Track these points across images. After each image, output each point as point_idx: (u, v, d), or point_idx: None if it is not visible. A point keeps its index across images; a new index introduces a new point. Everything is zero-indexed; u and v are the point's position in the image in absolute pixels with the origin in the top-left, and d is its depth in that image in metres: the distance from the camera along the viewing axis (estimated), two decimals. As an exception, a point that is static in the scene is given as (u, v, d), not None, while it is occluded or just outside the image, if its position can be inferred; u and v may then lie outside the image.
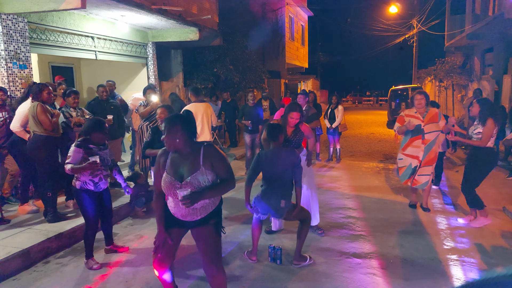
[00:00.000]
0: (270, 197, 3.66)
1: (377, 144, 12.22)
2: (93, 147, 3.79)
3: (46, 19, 6.39)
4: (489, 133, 4.59)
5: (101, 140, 3.86)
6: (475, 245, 4.27)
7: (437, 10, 20.19)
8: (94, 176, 3.82)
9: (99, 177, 3.86)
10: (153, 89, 6.49)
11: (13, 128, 4.98)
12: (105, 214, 4.12)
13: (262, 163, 3.72)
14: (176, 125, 2.54)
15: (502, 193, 6.20)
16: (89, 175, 3.79)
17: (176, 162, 2.61)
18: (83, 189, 3.80)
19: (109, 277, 3.69)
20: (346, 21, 32.59)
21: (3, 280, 3.65)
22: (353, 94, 44.11)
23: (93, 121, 3.90)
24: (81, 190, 3.81)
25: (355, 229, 4.83)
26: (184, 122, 2.58)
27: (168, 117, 2.65)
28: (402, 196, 6.20)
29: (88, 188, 3.81)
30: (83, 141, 3.78)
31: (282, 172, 3.65)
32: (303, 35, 24.20)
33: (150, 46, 9.41)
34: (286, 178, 3.68)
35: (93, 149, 3.79)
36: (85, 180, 3.79)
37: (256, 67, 14.15)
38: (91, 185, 3.81)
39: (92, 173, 3.78)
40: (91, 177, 3.80)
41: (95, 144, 3.81)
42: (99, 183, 3.86)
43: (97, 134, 3.80)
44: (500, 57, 12.37)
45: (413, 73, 25.33)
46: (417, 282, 3.49)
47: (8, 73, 5.64)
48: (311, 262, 3.84)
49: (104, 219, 4.14)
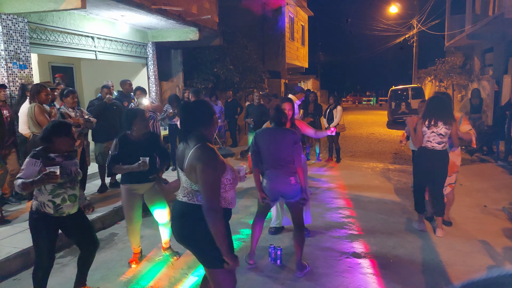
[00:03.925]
0: (276, 178, 3.51)
1: (377, 144, 12.22)
2: (54, 157, 2.95)
3: (46, 19, 6.39)
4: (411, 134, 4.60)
5: (66, 146, 3.01)
6: (475, 245, 4.26)
7: (437, 10, 20.19)
8: (56, 195, 2.93)
9: (62, 198, 2.95)
10: (143, 90, 6.45)
11: (22, 131, 5.13)
12: (85, 247, 3.20)
13: (258, 142, 3.62)
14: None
15: (502, 193, 6.20)
16: (48, 194, 2.91)
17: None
18: (39, 212, 2.93)
19: (110, 277, 3.69)
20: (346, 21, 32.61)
21: (3, 280, 3.65)
22: (353, 94, 44.12)
23: (56, 123, 3.09)
24: (36, 213, 2.94)
25: (355, 229, 4.83)
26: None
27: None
28: (402, 196, 6.20)
29: (46, 211, 2.93)
30: (41, 150, 2.94)
31: (282, 151, 3.52)
32: (303, 35, 24.20)
33: (150, 46, 9.41)
34: (287, 158, 3.52)
35: (55, 159, 2.94)
36: (43, 200, 2.92)
37: (256, 67, 14.16)
38: (50, 207, 2.93)
39: (53, 191, 2.91)
40: (51, 196, 2.92)
41: (58, 152, 2.98)
42: (61, 205, 2.95)
43: (61, 139, 2.96)
44: (500, 57, 12.38)
45: (413, 73, 25.35)
46: (417, 282, 3.49)
47: (8, 73, 5.64)
48: (310, 268, 3.75)
49: (84, 253, 3.23)
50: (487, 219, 5.10)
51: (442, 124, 4.27)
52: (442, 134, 4.29)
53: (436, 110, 4.33)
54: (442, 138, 4.31)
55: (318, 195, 6.27)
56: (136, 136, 3.75)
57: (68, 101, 5.31)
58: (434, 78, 17.55)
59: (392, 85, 21.14)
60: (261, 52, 18.71)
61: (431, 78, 18.33)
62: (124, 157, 3.67)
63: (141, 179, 3.74)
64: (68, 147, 3.03)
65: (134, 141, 3.74)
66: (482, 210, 5.45)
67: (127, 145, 3.70)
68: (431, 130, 4.33)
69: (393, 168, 8.47)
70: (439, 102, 4.42)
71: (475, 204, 5.69)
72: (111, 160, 3.71)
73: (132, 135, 3.75)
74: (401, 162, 9.11)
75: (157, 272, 3.80)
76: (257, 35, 18.60)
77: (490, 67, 13.61)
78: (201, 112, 2.42)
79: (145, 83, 9.40)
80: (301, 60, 23.40)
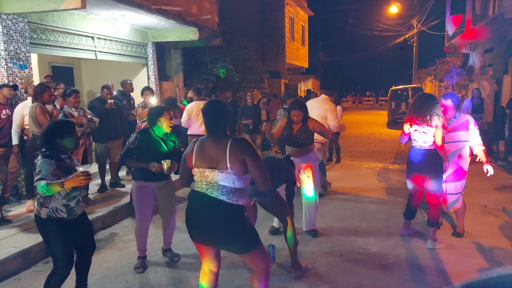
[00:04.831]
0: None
1: (377, 144, 12.22)
2: (64, 158, 2.85)
3: (46, 19, 6.39)
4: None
5: (73, 145, 2.92)
6: (475, 245, 4.26)
7: (437, 10, 20.21)
8: (70, 199, 2.83)
9: (77, 200, 2.87)
10: (151, 90, 6.46)
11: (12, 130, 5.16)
12: (84, 250, 3.10)
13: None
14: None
15: (502, 193, 6.20)
16: (63, 198, 2.80)
17: None
18: (53, 218, 2.79)
19: (110, 277, 3.69)
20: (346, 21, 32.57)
21: (3, 280, 3.65)
22: (353, 94, 44.10)
23: (61, 122, 2.99)
24: (49, 221, 2.79)
25: (355, 229, 4.82)
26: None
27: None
28: (402, 196, 6.20)
29: (60, 216, 2.81)
30: (52, 151, 2.79)
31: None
32: (303, 35, 24.20)
33: (150, 46, 9.41)
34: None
35: (65, 160, 2.83)
36: (56, 206, 2.79)
37: (256, 67, 14.16)
38: (64, 212, 2.81)
39: (68, 194, 2.80)
40: (65, 200, 2.81)
41: (65, 153, 2.88)
42: (75, 208, 2.87)
43: (68, 139, 2.86)
44: (500, 57, 12.37)
45: (413, 73, 25.37)
46: (417, 282, 3.49)
47: (8, 73, 5.64)
48: (307, 269, 3.71)
49: (83, 257, 3.11)
50: (487, 219, 5.10)
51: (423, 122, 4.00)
52: (425, 132, 4.03)
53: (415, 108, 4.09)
54: (426, 136, 4.04)
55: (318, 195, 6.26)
56: (158, 133, 3.72)
57: (71, 101, 5.32)
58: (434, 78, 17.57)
59: (392, 85, 21.15)
60: (261, 52, 18.71)
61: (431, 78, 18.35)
62: (141, 152, 3.60)
63: (154, 177, 3.67)
64: (74, 146, 2.93)
65: (154, 138, 3.70)
66: (482, 210, 5.45)
67: (146, 140, 3.64)
68: (413, 129, 4.11)
69: (393, 168, 8.47)
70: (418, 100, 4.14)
71: (475, 204, 5.68)
72: (127, 152, 3.63)
73: (154, 132, 3.71)
74: (401, 162, 9.11)
75: (158, 273, 3.80)
76: (257, 35, 18.60)
77: (490, 67, 13.61)
78: (226, 112, 2.64)
79: (145, 83, 9.39)
80: (301, 60, 23.40)
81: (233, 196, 2.47)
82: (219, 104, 2.67)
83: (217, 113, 2.58)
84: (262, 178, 2.51)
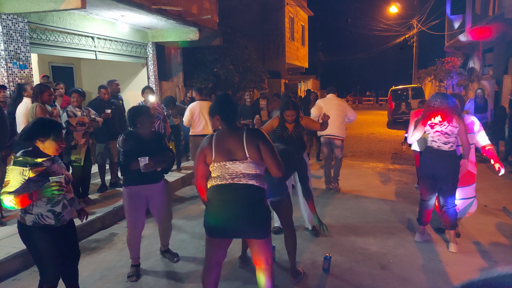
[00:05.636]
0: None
1: (377, 144, 12.22)
2: (42, 161, 2.56)
3: (46, 19, 6.39)
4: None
5: (56, 149, 2.62)
6: (475, 245, 4.26)
7: (437, 10, 20.21)
8: (55, 204, 2.58)
9: (62, 204, 2.62)
10: (151, 89, 6.50)
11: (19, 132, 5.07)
12: (70, 259, 2.85)
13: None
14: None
15: (502, 193, 6.20)
16: (46, 204, 2.55)
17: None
18: (39, 225, 2.57)
19: (109, 277, 3.69)
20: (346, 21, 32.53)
21: (2, 280, 3.65)
22: (353, 94, 44.11)
23: (39, 121, 2.68)
24: (35, 228, 2.56)
25: (355, 229, 4.82)
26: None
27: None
28: (403, 196, 6.20)
29: (47, 223, 2.58)
30: (26, 155, 2.54)
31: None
32: (303, 35, 24.20)
33: (150, 46, 9.41)
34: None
35: (42, 164, 2.55)
36: (41, 212, 2.55)
37: (256, 67, 14.16)
38: (51, 218, 2.58)
39: (51, 200, 2.55)
40: (50, 206, 2.56)
41: (45, 156, 2.59)
42: (62, 213, 2.63)
43: (51, 142, 2.59)
44: (500, 57, 12.38)
45: (413, 73, 25.35)
46: (417, 282, 3.49)
47: (8, 73, 5.64)
48: (304, 274, 3.65)
49: (69, 266, 2.87)
50: (487, 219, 5.10)
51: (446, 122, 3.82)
52: (448, 133, 3.86)
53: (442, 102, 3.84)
54: (448, 137, 3.88)
55: (318, 195, 6.26)
56: (141, 134, 3.53)
57: (72, 100, 5.33)
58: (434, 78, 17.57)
59: (392, 85, 21.14)
60: (261, 52, 18.71)
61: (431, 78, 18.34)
62: (132, 154, 3.38)
63: (146, 179, 3.51)
64: (57, 148, 2.62)
65: (141, 138, 3.52)
66: (482, 210, 5.44)
67: (134, 141, 3.45)
68: (434, 130, 3.93)
69: (393, 168, 8.47)
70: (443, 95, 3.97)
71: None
72: (126, 156, 3.37)
73: (138, 133, 3.53)
74: (401, 162, 9.11)
75: (157, 273, 3.80)
76: (257, 35, 18.61)
77: (490, 67, 13.62)
78: (236, 102, 2.83)
79: (145, 83, 9.40)
80: (301, 60, 23.40)
81: (260, 180, 2.59)
82: (229, 96, 2.84)
83: (230, 104, 2.69)
84: (276, 163, 2.59)
